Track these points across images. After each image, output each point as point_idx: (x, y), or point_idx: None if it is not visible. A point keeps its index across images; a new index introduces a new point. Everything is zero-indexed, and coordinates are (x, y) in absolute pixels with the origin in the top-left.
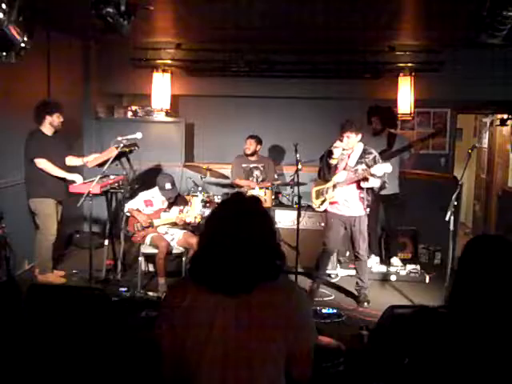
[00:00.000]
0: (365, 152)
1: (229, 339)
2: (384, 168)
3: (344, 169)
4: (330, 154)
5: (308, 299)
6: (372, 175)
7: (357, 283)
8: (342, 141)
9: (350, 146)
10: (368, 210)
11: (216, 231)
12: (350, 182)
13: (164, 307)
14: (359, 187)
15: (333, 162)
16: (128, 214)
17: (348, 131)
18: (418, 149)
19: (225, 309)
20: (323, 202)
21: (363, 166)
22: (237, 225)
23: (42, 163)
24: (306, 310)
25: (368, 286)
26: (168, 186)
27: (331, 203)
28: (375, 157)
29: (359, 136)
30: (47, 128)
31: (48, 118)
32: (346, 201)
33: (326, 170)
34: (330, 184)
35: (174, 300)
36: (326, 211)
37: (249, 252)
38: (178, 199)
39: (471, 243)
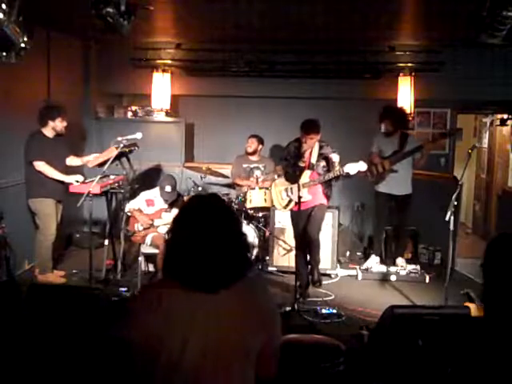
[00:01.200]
0: (321, 146)
1: (208, 336)
2: (358, 166)
3: (308, 168)
4: (299, 156)
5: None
6: (347, 174)
7: (311, 265)
8: (305, 142)
9: (311, 147)
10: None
11: (185, 231)
12: (320, 182)
13: (136, 310)
14: (323, 184)
15: (301, 163)
16: (129, 214)
17: (312, 133)
18: (429, 149)
19: (202, 306)
20: (289, 202)
21: (323, 162)
22: (203, 223)
23: (41, 166)
24: (275, 308)
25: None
26: (168, 188)
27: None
28: (328, 145)
29: (320, 135)
30: (49, 131)
31: (51, 123)
32: (311, 197)
33: (295, 172)
34: (295, 185)
35: (148, 304)
36: (291, 210)
37: (219, 249)
38: (179, 200)
39: (494, 244)
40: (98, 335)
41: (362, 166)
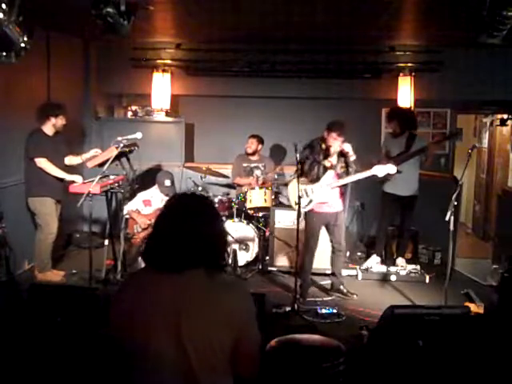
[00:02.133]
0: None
1: (173, 318)
2: (387, 169)
3: (330, 168)
4: (325, 155)
5: (251, 299)
6: (374, 176)
7: (336, 271)
8: (330, 142)
9: (335, 147)
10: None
11: (165, 220)
12: (347, 183)
13: (113, 301)
14: (341, 186)
15: (327, 163)
16: (127, 217)
17: (343, 135)
18: (433, 150)
19: (172, 284)
20: (310, 202)
21: (342, 163)
22: (182, 214)
23: (42, 163)
24: (249, 309)
25: (343, 281)
26: (167, 182)
27: (319, 203)
28: (350, 146)
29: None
30: (49, 128)
31: (52, 120)
32: (331, 199)
33: (319, 170)
34: (317, 184)
35: (120, 296)
36: (310, 211)
37: (185, 237)
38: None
39: None
40: (97, 335)
41: (391, 169)
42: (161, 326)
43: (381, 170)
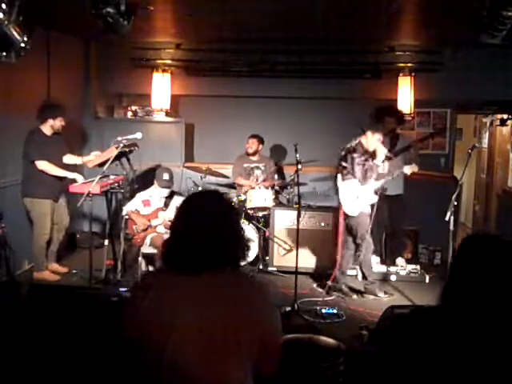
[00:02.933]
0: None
1: (193, 319)
2: (413, 167)
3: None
4: (372, 156)
5: (271, 297)
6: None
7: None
8: (380, 141)
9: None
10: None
11: (185, 219)
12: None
13: (129, 302)
14: None
15: (380, 166)
16: (127, 217)
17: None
18: (418, 148)
19: (193, 287)
20: (361, 203)
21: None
22: (201, 214)
23: (43, 165)
24: (271, 307)
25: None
26: (166, 176)
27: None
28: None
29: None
30: (47, 128)
31: (50, 121)
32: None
33: (373, 173)
34: (366, 186)
35: (138, 295)
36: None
37: (211, 238)
38: (173, 196)
39: (466, 241)
40: (98, 335)
41: (415, 168)
42: (181, 327)
43: (408, 168)
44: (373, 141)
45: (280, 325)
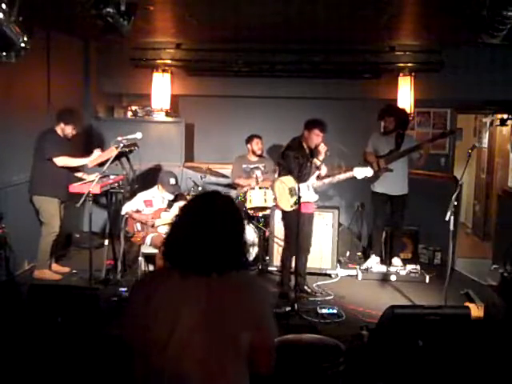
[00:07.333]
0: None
1: (198, 318)
2: (365, 172)
3: (319, 168)
4: (316, 154)
5: (270, 297)
6: (353, 177)
7: (301, 273)
8: (319, 136)
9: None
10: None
11: (189, 220)
12: (328, 184)
13: (130, 302)
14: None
15: (318, 163)
16: (126, 217)
17: (324, 131)
18: (427, 149)
19: (195, 288)
20: (297, 201)
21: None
22: (206, 216)
23: (62, 160)
24: (268, 307)
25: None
26: (172, 181)
27: (305, 203)
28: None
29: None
30: (59, 131)
31: (61, 125)
32: (313, 199)
33: (310, 169)
34: (304, 183)
35: (138, 295)
36: (297, 210)
37: (215, 240)
38: (177, 198)
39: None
40: (98, 335)
41: (368, 172)
42: (182, 327)
43: (360, 172)
44: (311, 136)
45: (274, 323)
